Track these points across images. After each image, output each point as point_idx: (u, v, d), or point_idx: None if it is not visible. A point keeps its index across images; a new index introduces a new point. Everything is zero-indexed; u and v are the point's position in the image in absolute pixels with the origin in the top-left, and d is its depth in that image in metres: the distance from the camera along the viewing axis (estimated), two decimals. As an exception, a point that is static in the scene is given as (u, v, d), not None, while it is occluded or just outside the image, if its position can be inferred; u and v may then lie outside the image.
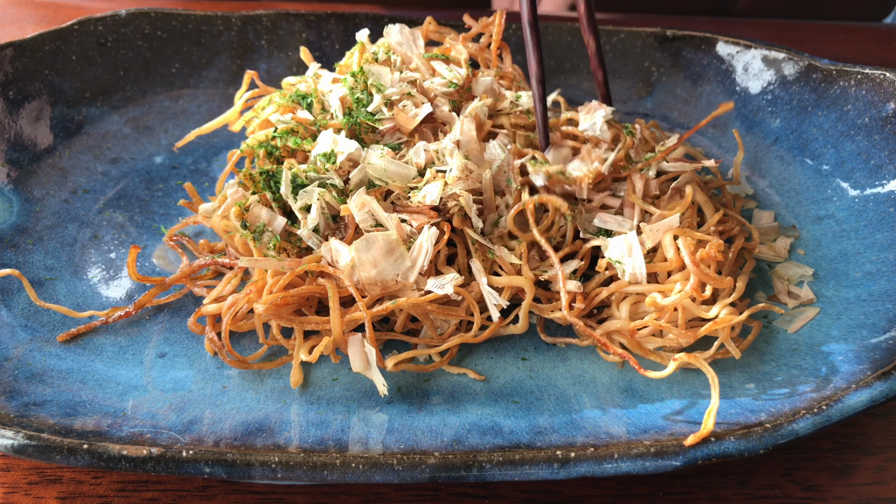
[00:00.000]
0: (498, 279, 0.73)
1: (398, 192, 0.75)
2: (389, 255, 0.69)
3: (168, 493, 0.63)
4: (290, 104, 0.84)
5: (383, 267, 0.69)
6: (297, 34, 1.11)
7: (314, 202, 0.74)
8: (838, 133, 0.93)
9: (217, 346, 0.71)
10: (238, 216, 0.75)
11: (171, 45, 1.08)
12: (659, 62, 1.12)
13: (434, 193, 0.72)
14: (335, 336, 0.68)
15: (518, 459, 0.56)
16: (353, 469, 0.56)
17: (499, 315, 0.72)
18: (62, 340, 0.73)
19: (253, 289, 0.70)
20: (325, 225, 0.75)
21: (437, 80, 0.85)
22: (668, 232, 0.74)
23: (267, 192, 0.77)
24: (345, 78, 0.84)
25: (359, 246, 0.69)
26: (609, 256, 0.75)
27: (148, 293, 0.76)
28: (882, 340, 0.70)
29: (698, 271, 0.70)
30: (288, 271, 0.70)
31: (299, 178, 0.76)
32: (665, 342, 0.72)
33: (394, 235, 0.70)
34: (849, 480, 0.66)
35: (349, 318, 0.69)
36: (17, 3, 1.41)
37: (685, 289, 0.69)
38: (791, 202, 0.93)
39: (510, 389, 0.70)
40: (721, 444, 0.57)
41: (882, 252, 0.81)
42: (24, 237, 0.84)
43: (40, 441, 0.56)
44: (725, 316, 0.70)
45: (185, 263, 0.81)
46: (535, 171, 0.78)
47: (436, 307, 0.71)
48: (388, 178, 0.74)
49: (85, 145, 0.98)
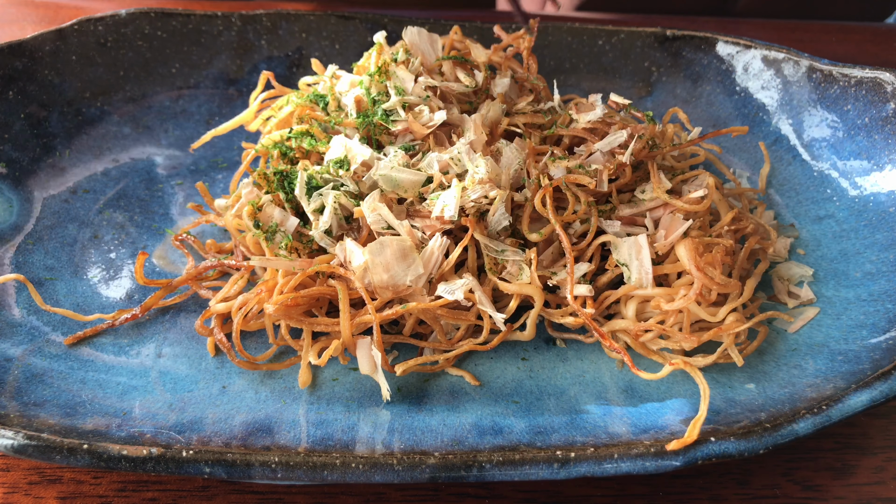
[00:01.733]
0: (507, 285, 0.72)
1: (410, 199, 0.74)
2: (402, 260, 0.69)
3: (168, 493, 0.63)
4: (307, 104, 0.84)
5: (395, 271, 0.69)
6: (297, 34, 1.11)
7: (328, 205, 0.74)
8: (838, 133, 0.93)
9: (226, 347, 0.71)
10: (251, 216, 0.75)
11: (171, 45, 1.08)
12: (659, 62, 1.12)
13: (452, 205, 0.71)
14: (344, 338, 0.68)
15: (518, 459, 0.56)
16: (353, 469, 0.56)
17: (504, 325, 0.71)
18: (69, 344, 0.72)
19: (263, 288, 0.70)
20: (337, 226, 0.75)
21: (455, 84, 0.85)
22: (679, 242, 0.73)
23: (280, 193, 0.77)
24: (361, 80, 0.84)
25: (373, 249, 0.69)
26: (617, 258, 0.74)
27: (154, 295, 0.76)
28: (882, 340, 0.70)
29: (702, 276, 0.69)
30: (299, 272, 0.70)
31: (314, 180, 0.76)
32: (669, 343, 0.72)
33: (408, 242, 0.70)
34: (849, 480, 0.66)
35: (358, 322, 0.69)
36: (17, 3, 1.41)
37: (689, 294, 0.69)
38: (791, 202, 0.93)
39: (510, 389, 0.70)
40: (721, 444, 0.57)
41: (882, 252, 0.81)
42: (24, 237, 0.84)
43: (40, 441, 0.56)
44: (731, 322, 0.70)
45: (191, 265, 0.82)
46: (554, 167, 0.77)
47: (445, 311, 0.71)
48: (399, 188, 0.74)
49: (85, 145, 0.98)
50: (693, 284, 0.70)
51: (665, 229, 0.75)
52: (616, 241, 0.74)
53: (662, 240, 0.74)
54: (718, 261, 0.71)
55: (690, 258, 0.70)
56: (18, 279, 0.74)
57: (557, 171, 0.76)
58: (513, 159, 0.77)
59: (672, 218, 0.75)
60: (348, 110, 0.82)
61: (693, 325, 0.73)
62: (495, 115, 0.83)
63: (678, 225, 0.74)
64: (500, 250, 0.73)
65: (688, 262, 0.70)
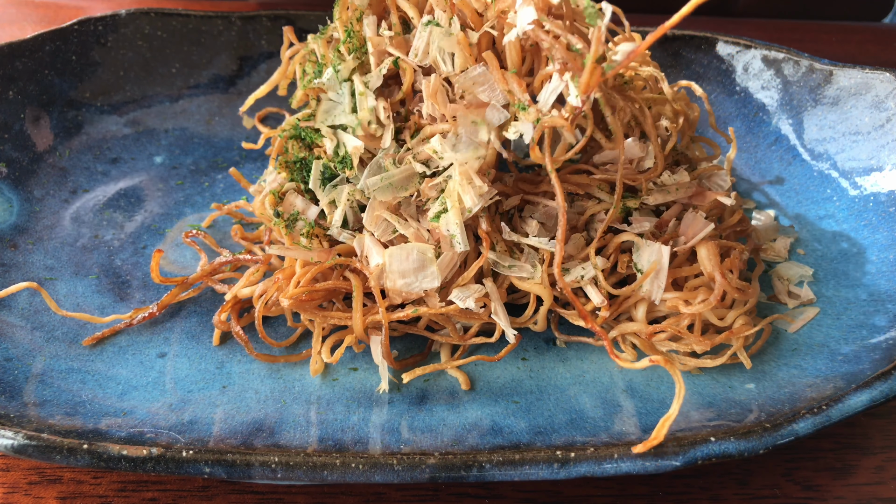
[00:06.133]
0: (521, 283, 0.72)
1: (413, 200, 0.72)
2: (420, 270, 0.69)
3: (168, 493, 0.63)
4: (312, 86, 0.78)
5: (411, 280, 0.68)
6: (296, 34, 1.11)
7: (341, 202, 0.74)
8: (838, 133, 0.93)
9: (243, 340, 0.72)
10: (272, 204, 0.75)
11: (171, 45, 1.08)
12: (659, 62, 1.11)
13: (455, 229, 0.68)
14: (357, 334, 0.69)
15: (518, 459, 0.56)
16: (353, 469, 0.56)
17: (514, 338, 0.71)
18: (88, 345, 0.72)
19: (281, 276, 0.71)
20: (354, 218, 0.75)
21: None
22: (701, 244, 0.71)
23: (300, 182, 0.77)
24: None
25: (392, 253, 0.68)
26: (636, 261, 0.72)
27: (171, 293, 0.77)
28: (882, 340, 0.70)
29: (724, 282, 0.68)
30: (317, 263, 0.70)
31: (329, 170, 0.75)
32: (679, 346, 0.71)
33: (429, 252, 0.69)
34: (849, 480, 0.66)
35: (371, 320, 0.69)
36: (17, 3, 1.41)
37: (710, 298, 0.68)
38: (791, 202, 0.93)
39: (510, 389, 0.70)
40: (721, 444, 0.57)
41: (882, 252, 0.81)
42: (24, 237, 0.84)
43: (40, 441, 0.56)
44: (741, 326, 0.70)
45: (205, 261, 0.82)
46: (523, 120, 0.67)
47: (458, 313, 0.71)
48: (397, 191, 0.72)
49: (85, 145, 0.98)
50: (713, 288, 0.69)
51: (686, 229, 0.73)
52: (639, 243, 0.72)
53: (683, 241, 0.72)
54: (737, 265, 0.70)
55: (714, 262, 0.69)
56: (32, 287, 0.73)
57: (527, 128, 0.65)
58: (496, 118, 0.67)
59: (695, 217, 0.73)
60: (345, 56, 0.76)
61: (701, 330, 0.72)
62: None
63: (700, 226, 0.72)
64: (508, 265, 0.72)
65: (711, 266, 0.69)
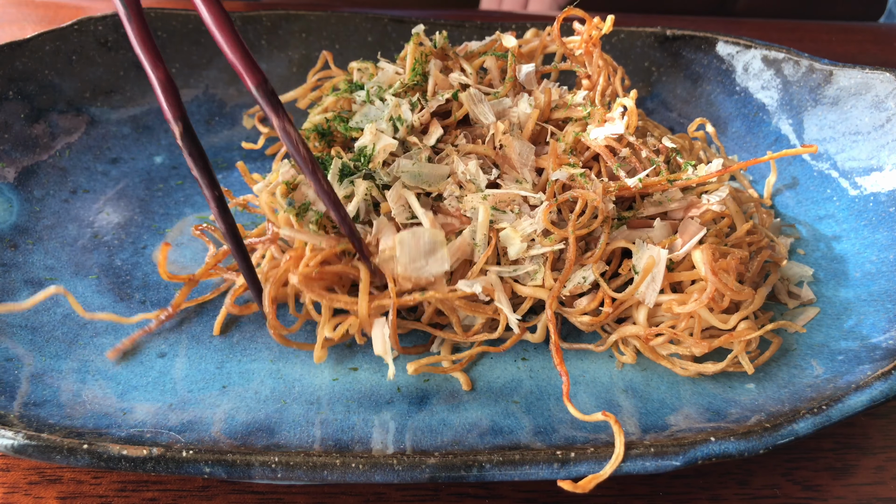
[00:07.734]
0: (522, 288, 0.72)
1: (434, 193, 0.76)
2: (431, 254, 0.70)
3: (168, 493, 0.63)
4: (346, 94, 0.88)
5: (421, 264, 0.69)
6: (297, 34, 1.11)
7: (358, 195, 0.75)
8: (838, 133, 0.93)
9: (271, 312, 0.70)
10: (284, 194, 0.76)
11: (171, 45, 1.08)
12: (659, 62, 1.12)
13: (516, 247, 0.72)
14: (361, 318, 0.68)
15: (518, 459, 0.56)
16: (353, 469, 0.56)
17: (518, 328, 0.71)
18: (112, 357, 0.71)
19: (290, 256, 0.71)
20: (366, 212, 0.76)
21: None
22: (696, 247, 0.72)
23: None
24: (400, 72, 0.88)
25: (403, 238, 0.69)
26: (635, 264, 0.73)
27: (181, 292, 0.76)
28: (882, 340, 0.70)
29: (716, 280, 0.68)
30: (326, 247, 0.70)
31: (347, 167, 0.77)
32: (679, 349, 0.71)
33: (440, 236, 0.70)
34: (849, 480, 0.66)
35: (377, 304, 0.69)
36: (17, 3, 1.41)
37: (701, 298, 0.69)
38: (791, 202, 0.93)
39: (510, 389, 0.70)
40: (721, 444, 0.57)
41: (882, 252, 0.81)
42: (24, 237, 0.84)
43: (40, 441, 0.56)
44: (742, 329, 0.70)
45: (212, 252, 0.82)
46: (560, 170, 0.76)
47: (464, 303, 0.71)
48: (423, 182, 0.76)
49: (85, 145, 0.98)
50: (706, 290, 0.69)
51: (683, 235, 0.74)
52: (639, 246, 0.73)
53: (679, 247, 0.73)
54: (733, 268, 0.70)
55: (706, 262, 0.69)
56: (59, 292, 0.70)
57: (561, 174, 0.76)
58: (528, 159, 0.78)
59: (692, 224, 0.74)
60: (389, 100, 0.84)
61: (704, 333, 0.72)
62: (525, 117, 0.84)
63: (696, 231, 0.73)
64: (510, 271, 0.73)
65: (703, 266, 0.69)
